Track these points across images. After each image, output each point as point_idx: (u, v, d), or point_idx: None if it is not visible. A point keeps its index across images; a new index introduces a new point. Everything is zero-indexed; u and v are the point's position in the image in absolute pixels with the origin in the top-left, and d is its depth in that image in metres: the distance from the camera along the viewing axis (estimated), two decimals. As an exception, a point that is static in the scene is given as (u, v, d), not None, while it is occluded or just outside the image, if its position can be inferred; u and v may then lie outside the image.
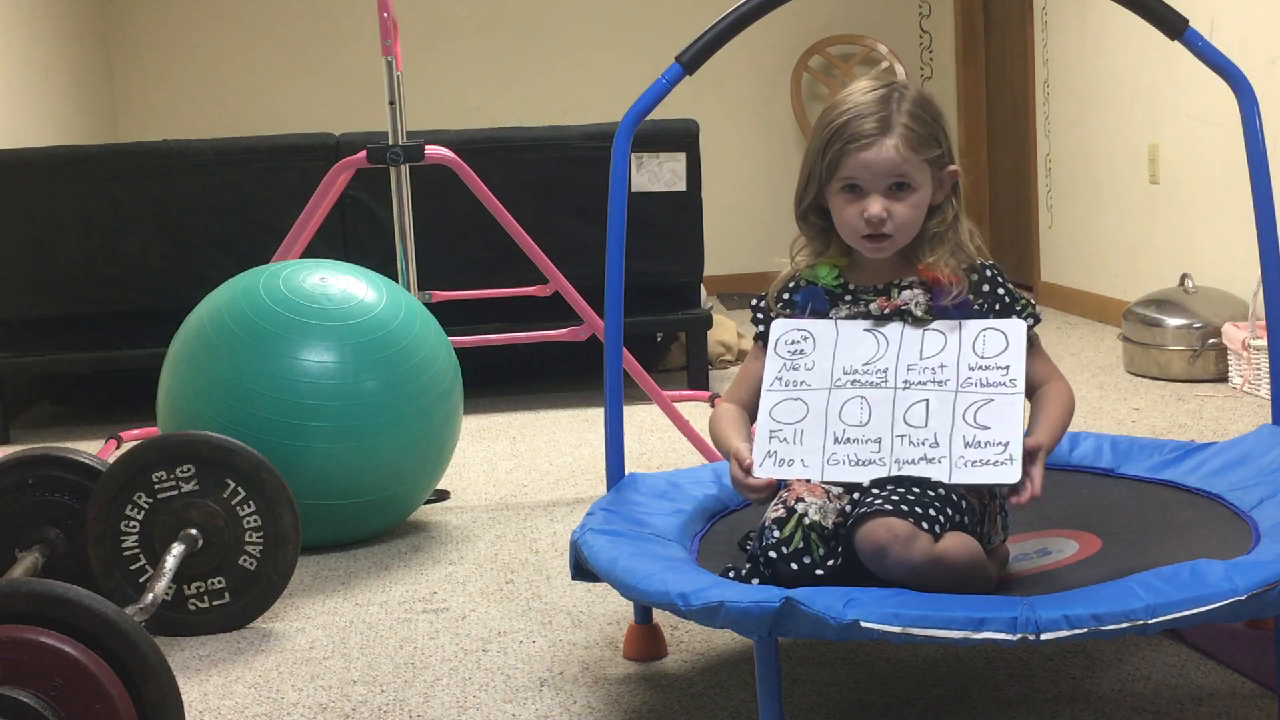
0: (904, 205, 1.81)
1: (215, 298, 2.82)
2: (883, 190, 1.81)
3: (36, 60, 5.24)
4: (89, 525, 2.28)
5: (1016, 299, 1.85)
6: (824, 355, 1.84)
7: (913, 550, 1.62)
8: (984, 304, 1.84)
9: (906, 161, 1.80)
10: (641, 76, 2.73)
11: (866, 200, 1.81)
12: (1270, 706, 1.79)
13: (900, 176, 1.81)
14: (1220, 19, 4.12)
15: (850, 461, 1.76)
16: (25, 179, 4.18)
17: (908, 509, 1.66)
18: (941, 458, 1.73)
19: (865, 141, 1.80)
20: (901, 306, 1.84)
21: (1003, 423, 1.73)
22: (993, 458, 1.71)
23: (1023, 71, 5.94)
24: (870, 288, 1.87)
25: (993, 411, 1.74)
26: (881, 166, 1.80)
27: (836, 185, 1.83)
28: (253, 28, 6.57)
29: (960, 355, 1.79)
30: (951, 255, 1.84)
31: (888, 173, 1.81)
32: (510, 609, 2.37)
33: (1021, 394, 1.75)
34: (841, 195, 1.83)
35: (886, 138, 1.80)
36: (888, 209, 1.81)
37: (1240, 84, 2.00)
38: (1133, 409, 3.77)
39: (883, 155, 1.80)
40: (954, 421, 1.75)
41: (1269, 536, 1.76)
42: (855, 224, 1.83)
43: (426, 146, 3.27)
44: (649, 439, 3.66)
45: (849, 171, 1.81)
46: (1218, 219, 4.36)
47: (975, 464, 1.71)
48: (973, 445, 1.73)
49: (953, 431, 1.74)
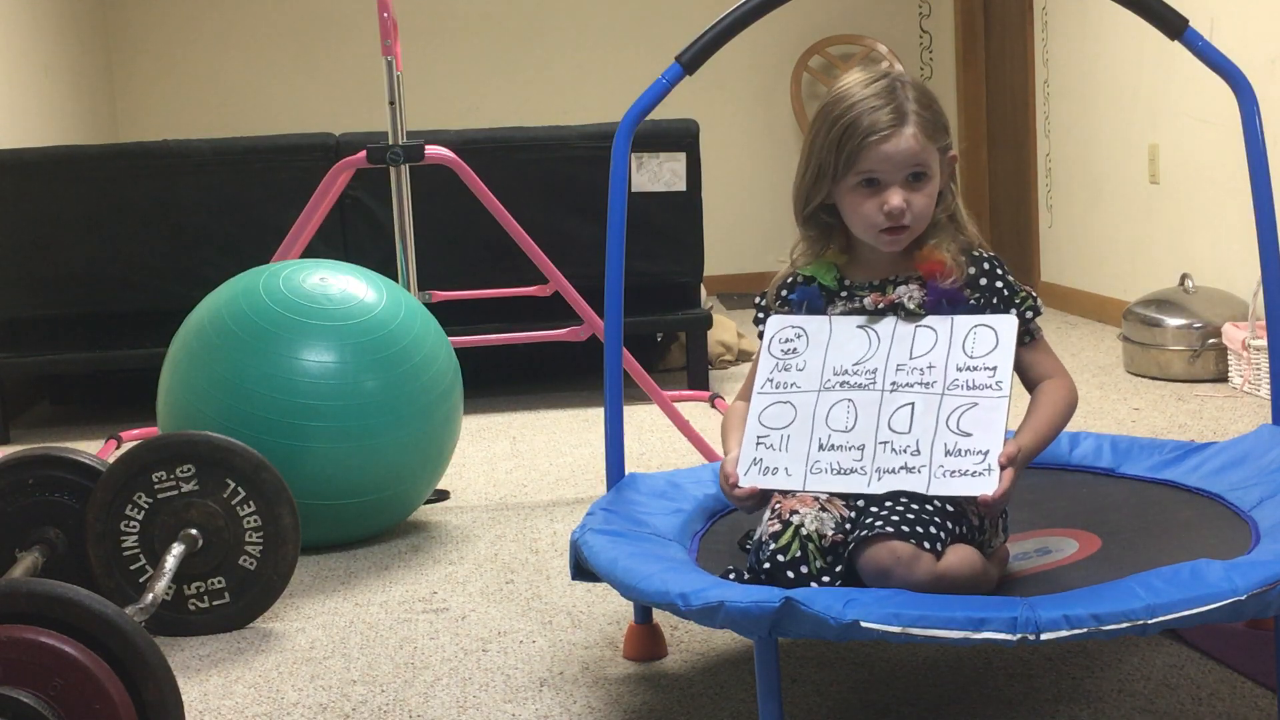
0: (921, 195, 1.81)
1: (215, 298, 2.82)
2: (901, 181, 1.80)
3: (36, 60, 5.24)
4: (89, 525, 2.28)
5: (1016, 290, 1.84)
6: (815, 354, 1.84)
7: (916, 571, 1.63)
8: (981, 298, 1.82)
9: (924, 150, 1.79)
10: (641, 76, 2.73)
11: (886, 193, 1.80)
12: (1270, 706, 1.79)
13: (919, 166, 1.80)
14: (1220, 19, 4.12)
15: (833, 470, 1.76)
16: (25, 179, 4.18)
17: (909, 529, 1.65)
18: (921, 467, 1.73)
19: (885, 133, 1.78)
20: (895, 301, 1.83)
21: (985, 430, 1.72)
22: (971, 467, 1.71)
23: (1023, 71, 5.94)
24: (866, 284, 1.87)
25: (976, 417, 1.73)
26: (902, 158, 1.79)
27: (853, 180, 1.81)
28: (253, 28, 6.57)
29: (949, 355, 1.79)
30: (952, 240, 1.84)
31: (908, 163, 1.79)
32: (510, 609, 2.37)
33: (1007, 397, 1.74)
34: (858, 190, 1.81)
35: (905, 127, 1.78)
36: (907, 200, 1.80)
37: (1240, 84, 2.00)
38: (1133, 409, 3.77)
39: (902, 146, 1.78)
40: (937, 427, 1.74)
41: (1269, 536, 1.76)
42: (873, 218, 1.81)
43: (426, 146, 3.27)
44: (649, 439, 3.66)
45: (868, 165, 1.79)
46: (1218, 219, 4.36)
47: (954, 474, 1.71)
48: (953, 453, 1.72)
49: (935, 438, 1.74)
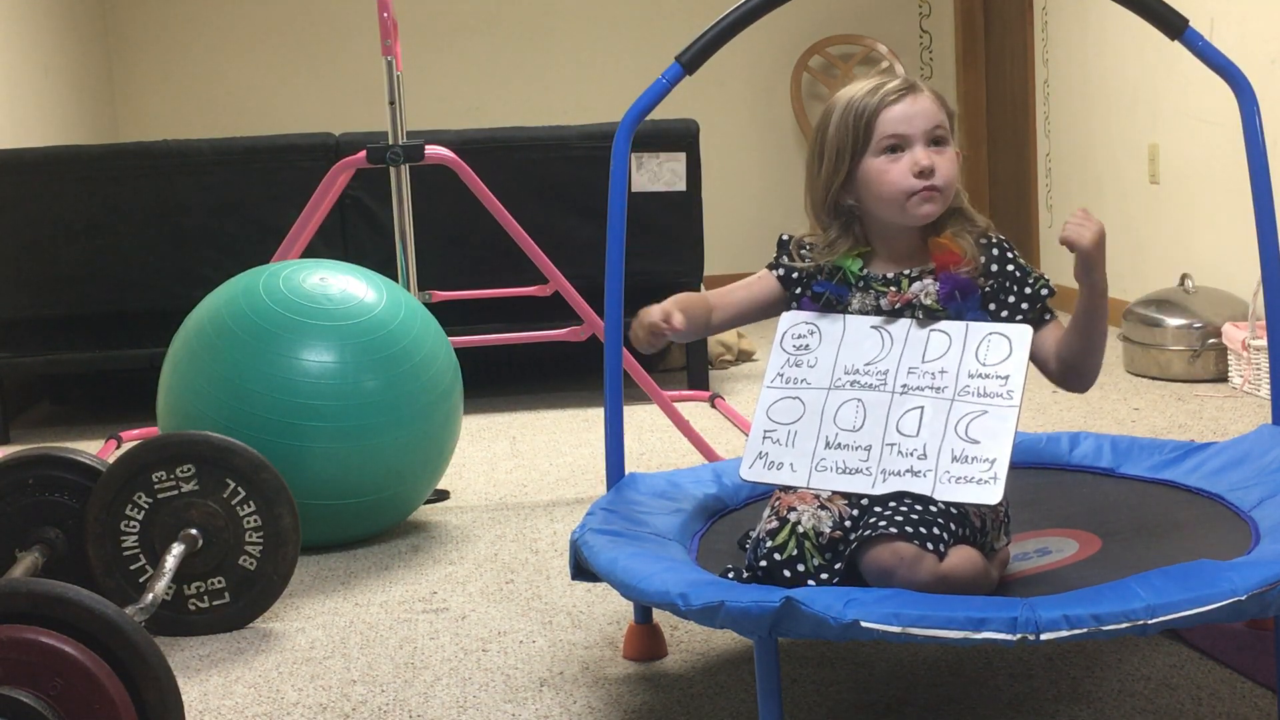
0: (945, 159, 1.81)
1: (215, 298, 2.82)
2: (924, 142, 1.81)
3: (36, 60, 5.24)
4: (89, 525, 2.28)
5: (1029, 273, 1.84)
6: (828, 353, 1.84)
7: (918, 573, 1.63)
8: (994, 284, 1.82)
9: (943, 110, 1.83)
10: (641, 76, 2.72)
11: (913, 152, 1.80)
12: (1270, 706, 1.79)
13: (940, 128, 1.82)
14: (1220, 19, 4.12)
15: (838, 469, 1.76)
16: (25, 179, 4.18)
17: (912, 530, 1.65)
18: (927, 471, 1.72)
19: (901, 94, 1.81)
20: (911, 299, 1.83)
21: (993, 438, 1.72)
22: (977, 475, 1.70)
23: (1023, 71, 5.94)
24: (881, 276, 1.87)
25: (985, 425, 1.73)
26: (922, 117, 1.81)
27: (878, 149, 1.81)
28: (253, 28, 6.57)
29: (962, 360, 1.78)
30: (966, 231, 1.84)
31: (929, 121, 1.81)
32: (510, 609, 2.37)
33: (1017, 407, 1.74)
34: (882, 159, 1.81)
35: (920, 92, 1.82)
36: (934, 161, 1.80)
37: (1240, 84, 2.00)
38: (1133, 409, 3.77)
39: (921, 104, 1.81)
40: (945, 432, 1.74)
41: (1269, 536, 1.76)
42: (903, 182, 1.80)
43: (426, 146, 3.27)
44: (649, 439, 3.66)
45: (890, 128, 1.80)
46: (1218, 219, 4.36)
47: (959, 480, 1.71)
48: (960, 460, 1.72)
49: (942, 443, 1.73)
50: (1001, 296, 1.83)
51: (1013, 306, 1.82)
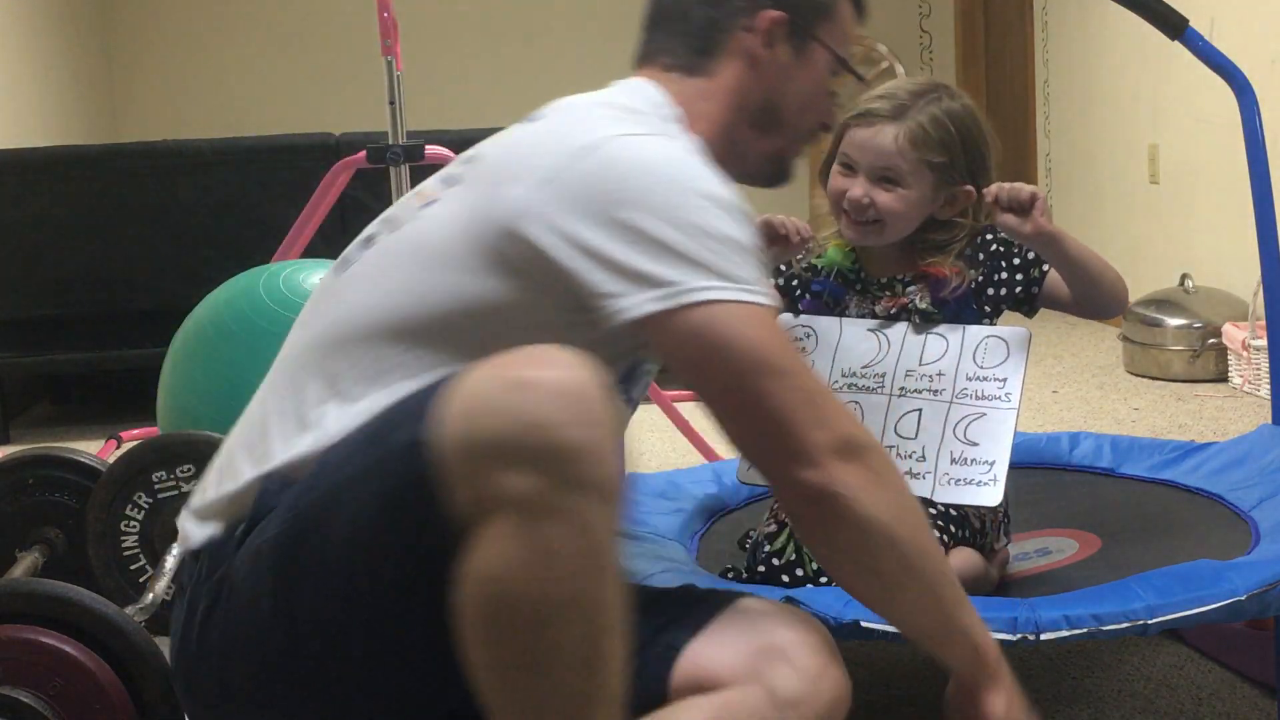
0: (889, 196, 1.78)
1: (215, 298, 2.81)
2: (869, 174, 1.78)
3: (36, 60, 5.24)
4: (89, 525, 2.28)
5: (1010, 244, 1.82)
6: (824, 356, 1.84)
7: None
8: (987, 268, 1.81)
9: (901, 155, 1.76)
10: (641, 76, 2.72)
11: (857, 179, 1.79)
12: (1270, 706, 1.78)
13: (888, 169, 1.77)
14: (1220, 19, 4.12)
15: None
16: (25, 179, 4.18)
17: None
18: (926, 473, 1.72)
19: (867, 121, 1.78)
20: (906, 304, 1.83)
21: (992, 440, 1.72)
22: (977, 477, 1.70)
23: (1023, 71, 5.94)
24: (876, 280, 1.86)
25: (984, 427, 1.73)
26: (872, 150, 1.77)
27: (839, 158, 1.82)
28: (253, 28, 6.57)
29: (960, 363, 1.78)
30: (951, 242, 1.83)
31: (878, 159, 1.77)
32: (510, 609, 2.36)
33: (1015, 409, 1.73)
34: (838, 167, 1.82)
35: (889, 125, 1.76)
36: (870, 195, 1.78)
37: (1240, 84, 2.00)
38: (1133, 409, 3.77)
39: (876, 140, 1.77)
40: (943, 435, 1.74)
41: (1269, 536, 1.76)
42: (837, 199, 1.81)
43: (426, 146, 3.27)
44: (649, 439, 3.66)
45: (846, 146, 1.80)
46: (1218, 219, 4.36)
47: (959, 482, 1.71)
48: (959, 462, 1.72)
49: (941, 446, 1.73)
50: (995, 276, 1.82)
51: (1008, 281, 1.82)
